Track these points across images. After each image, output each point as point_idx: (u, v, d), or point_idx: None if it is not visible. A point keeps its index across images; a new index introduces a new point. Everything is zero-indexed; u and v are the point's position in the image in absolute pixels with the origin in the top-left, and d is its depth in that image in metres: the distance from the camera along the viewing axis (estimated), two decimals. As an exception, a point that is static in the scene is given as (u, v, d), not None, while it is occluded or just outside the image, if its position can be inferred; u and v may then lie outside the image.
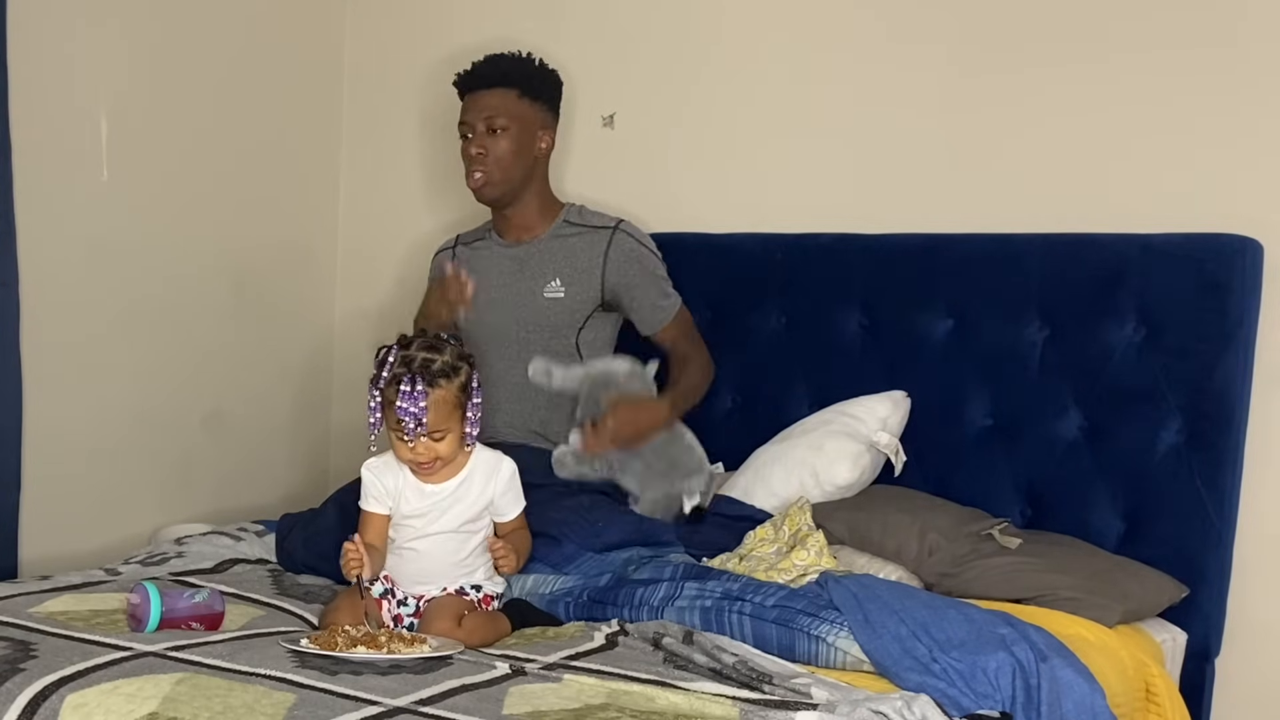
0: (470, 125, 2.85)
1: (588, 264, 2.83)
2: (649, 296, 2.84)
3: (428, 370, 2.12)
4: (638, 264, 2.84)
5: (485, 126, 2.83)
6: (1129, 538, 2.57)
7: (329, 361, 3.66)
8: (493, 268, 2.90)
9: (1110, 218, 2.63)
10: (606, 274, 2.82)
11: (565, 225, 2.89)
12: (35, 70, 2.82)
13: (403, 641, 1.93)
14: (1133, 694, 2.20)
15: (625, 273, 2.82)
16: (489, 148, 2.83)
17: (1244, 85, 2.54)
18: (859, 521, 2.51)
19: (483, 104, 2.85)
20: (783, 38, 3.03)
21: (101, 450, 3.05)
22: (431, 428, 2.12)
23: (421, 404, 2.10)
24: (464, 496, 2.21)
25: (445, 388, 2.13)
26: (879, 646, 1.97)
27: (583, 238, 2.86)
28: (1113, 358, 2.58)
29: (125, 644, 1.87)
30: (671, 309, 2.87)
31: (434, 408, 2.12)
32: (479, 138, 2.83)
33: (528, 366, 2.74)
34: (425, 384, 2.11)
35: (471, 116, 2.85)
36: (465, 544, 2.23)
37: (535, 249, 2.88)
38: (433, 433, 2.13)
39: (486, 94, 2.85)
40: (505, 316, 2.85)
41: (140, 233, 3.09)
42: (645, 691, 1.76)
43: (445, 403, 2.14)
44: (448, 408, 2.14)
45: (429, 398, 2.11)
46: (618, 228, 2.87)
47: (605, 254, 2.83)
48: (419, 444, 2.14)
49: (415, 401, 2.09)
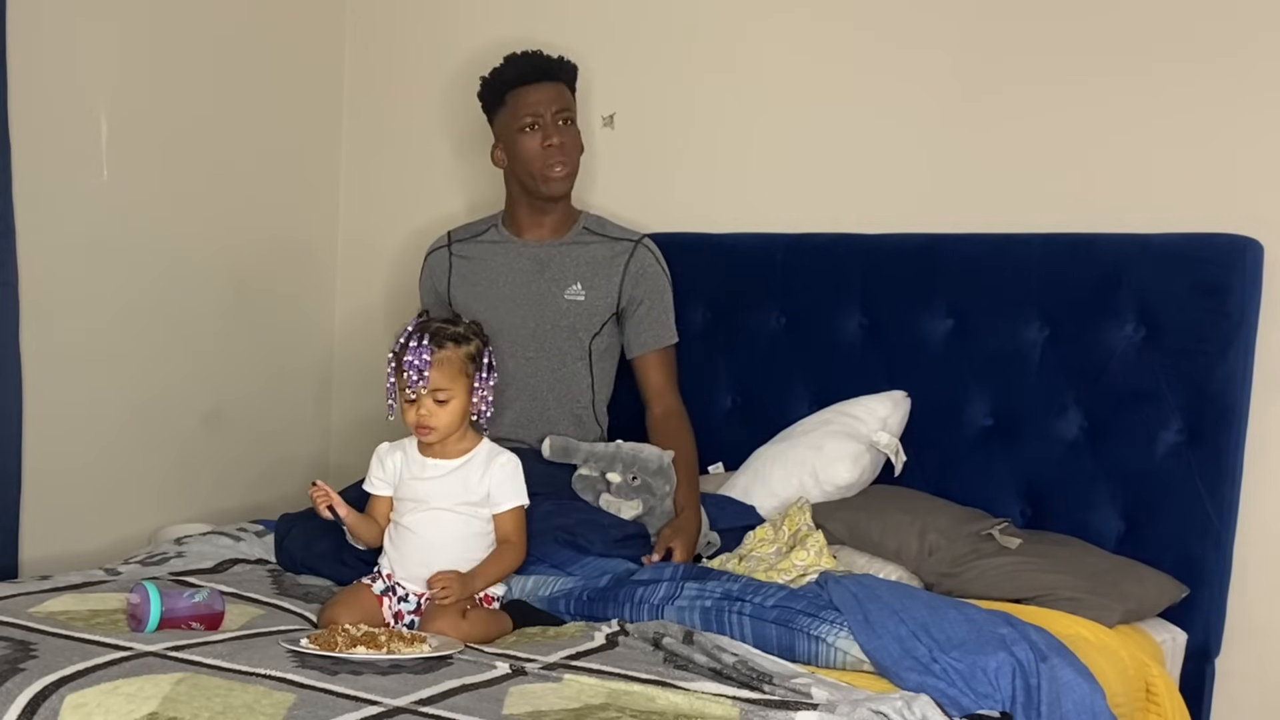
0: (539, 116, 2.78)
1: (609, 272, 2.82)
2: (653, 314, 2.83)
3: (440, 332, 2.25)
4: (652, 281, 2.83)
5: (556, 117, 2.79)
6: (1129, 538, 2.57)
7: (329, 360, 3.66)
8: (508, 265, 2.87)
9: (1110, 218, 2.63)
10: (625, 284, 2.81)
11: (586, 233, 2.87)
12: (35, 70, 2.82)
13: (403, 641, 1.93)
14: (1133, 694, 2.20)
15: (640, 285, 2.82)
16: (566, 138, 2.80)
17: (1244, 86, 2.54)
18: (859, 521, 2.51)
19: (550, 95, 2.80)
20: (783, 37, 3.03)
21: (101, 450, 3.05)
22: (434, 385, 2.20)
23: (425, 357, 2.20)
24: (464, 478, 2.25)
25: (453, 350, 2.24)
26: (879, 646, 1.97)
27: (606, 246, 2.85)
28: (1113, 358, 2.58)
29: (125, 644, 1.87)
30: (667, 339, 2.85)
31: (439, 365, 2.21)
32: (552, 128, 2.79)
33: (544, 446, 2.63)
34: (433, 342, 2.22)
35: (541, 107, 2.78)
36: (464, 526, 2.24)
37: (557, 251, 2.86)
38: (435, 391, 2.21)
39: (549, 85, 2.81)
40: (522, 315, 2.82)
41: (140, 232, 3.09)
42: (645, 691, 1.76)
43: (451, 363, 2.23)
44: (453, 369, 2.23)
45: (435, 354, 2.21)
46: (641, 242, 2.86)
47: (626, 265, 2.82)
48: (423, 403, 2.21)
49: (420, 354, 2.20)
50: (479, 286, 2.87)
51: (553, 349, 2.82)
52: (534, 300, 2.83)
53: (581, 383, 2.84)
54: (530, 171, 2.80)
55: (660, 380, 2.83)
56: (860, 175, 2.95)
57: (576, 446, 2.64)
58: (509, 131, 2.82)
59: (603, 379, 2.88)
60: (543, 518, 2.40)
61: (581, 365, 2.83)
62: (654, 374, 2.83)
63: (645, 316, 2.83)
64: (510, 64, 2.84)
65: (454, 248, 2.96)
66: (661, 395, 2.82)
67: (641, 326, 2.84)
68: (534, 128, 2.78)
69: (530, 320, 2.82)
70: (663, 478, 2.59)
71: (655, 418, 2.81)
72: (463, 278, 2.90)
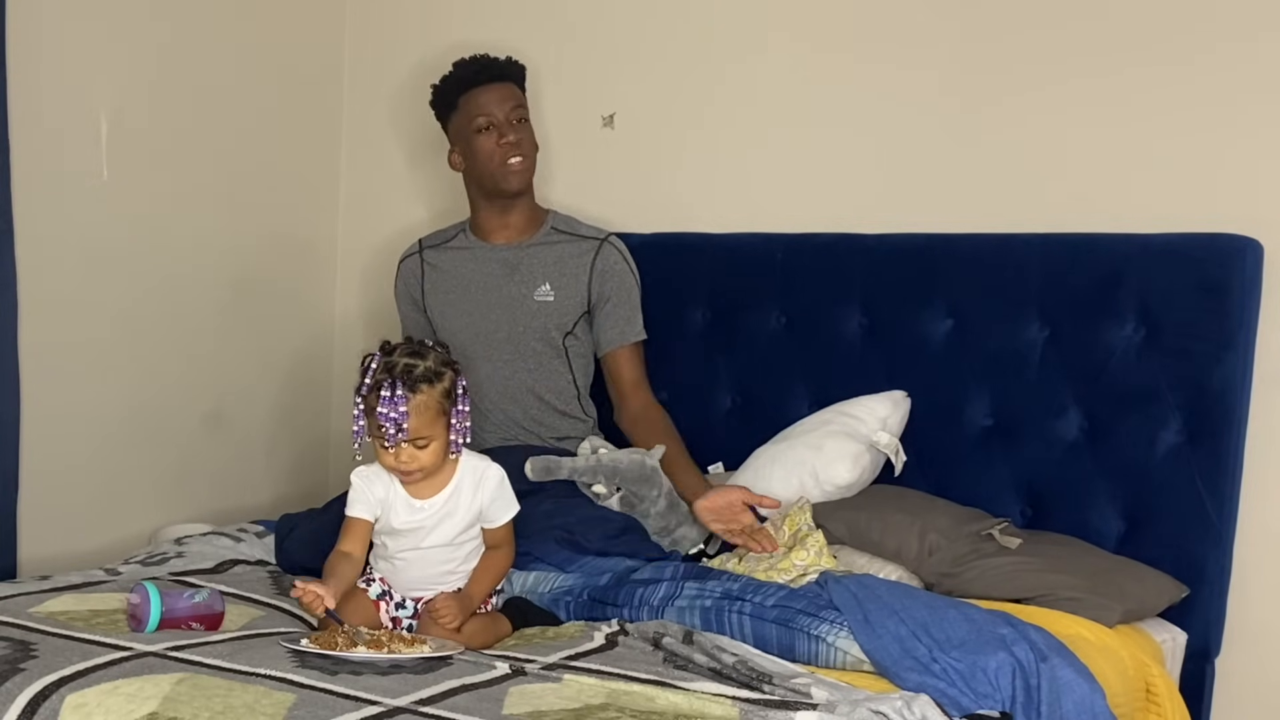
0: (491, 115, 2.81)
1: (576, 271, 2.84)
2: (620, 311, 2.84)
3: (409, 375, 2.10)
4: (619, 279, 2.85)
5: (509, 116, 2.81)
6: (1129, 538, 2.57)
7: (329, 361, 3.66)
8: (479, 270, 2.89)
9: (1110, 218, 2.63)
10: (593, 282, 2.83)
11: (554, 232, 2.89)
12: (35, 70, 2.81)
13: (403, 641, 1.94)
14: (1133, 694, 2.20)
15: (607, 283, 2.84)
16: (521, 135, 2.82)
17: (1244, 85, 2.54)
18: (859, 521, 2.51)
19: (502, 94, 2.83)
20: (783, 37, 3.03)
21: (101, 450, 3.05)
22: (413, 434, 2.09)
23: (402, 408, 2.07)
24: (454, 510, 2.19)
25: (427, 393, 2.10)
26: (879, 646, 1.97)
27: (573, 245, 2.87)
28: (1113, 358, 2.58)
29: (125, 644, 1.87)
30: (634, 335, 2.86)
31: (415, 413, 2.09)
32: (507, 126, 2.81)
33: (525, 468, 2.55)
34: (406, 389, 2.08)
35: (493, 107, 2.81)
36: (458, 551, 2.22)
37: (525, 253, 2.87)
38: (415, 439, 2.10)
39: (500, 86, 2.84)
40: (495, 319, 2.84)
41: (140, 232, 3.09)
42: (645, 691, 1.76)
43: (428, 408, 2.10)
44: (430, 414, 2.11)
45: (410, 403, 2.08)
46: (607, 240, 2.88)
47: (593, 263, 2.84)
48: (402, 452, 2.11)
49: (395, 406, 2.07)
50: (452, 294, 2.89)
51: (528, 351, 2.83)
52: (506, 304, 2.84)
53: (562, 380, 2.85)
54: (489, 170, 2.82)
55: (632, 376, 2.84)
56: (860, 175, 2.95)
57: (559, 464, 2.60)
58: (464, 134, 2.85)
59: (583, 371, 2.89)
60: (543, 517, 2.40)
61: (559, 363, 2.84)
62: (625, 370, 2.85)
63: (612, 313, 2.84)
64: (460, 67, 2.87)
65: (425, 255, 2.98)
66: (635, 390, 2.84)
67: (608, 323, 2.85)
68: (489, 128, 2.81)
69: (504, 324, 2.84)
70: (648, 484, 2.58)
71: (632, 414, 2.82)
72: (435, 285, 2.93)
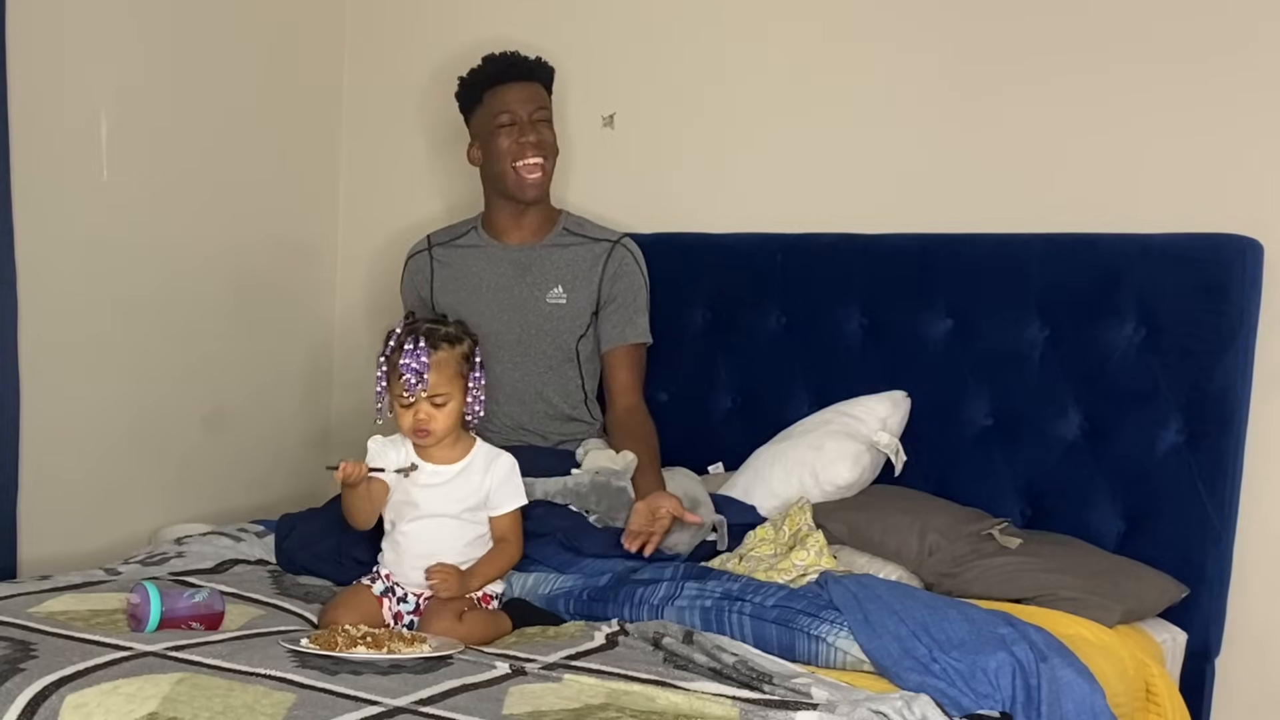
0: (515, 114, 2.78)
1: (589, 274, 2.83)
2: (625, 311, 2.83)
3: (433, 334, 2.23)
4: (628, 279, 2.84)
5: (531, 116, 2.79)
6: (1129, 538, 2.57)
7: (329, 361, 3.65)
8: (490, 270, 2.87)
9: (1110, 218, 2.63)
10: (603, 283, 2.82)
11: (566, 234, 2.88)
12: (35, 70, 2.81)
13: (403, 641, 1.94)
14: (1133, 694, 2.20)
15: (616, 283, 2.83)
16: (542, 136, 2.80)
17: (1244, 85, 2.54)
18: (859, 521, 2.51)
19: (526, 94, 2.80)
20: (783, 37, 3.03)
21: (101, 450, 3.05)
22: (432, 389, 2.19)
23: (424, 359, 2.18)
24: (464, 483, 2.24)
25: (448, 351, 2.23)
26: (879, 646, 1.97)
27: (586, 248, 2.85)
28: (1113, 358, 2.58)
29: (125, 644, 1.87)
30: (634, 336, 2.84)
31: (436, 368, 2.20)
32: (528, 126, 2.78)
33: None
34: (429, 344, 2.21)
35: (517, 105, 2.79)
36: (464, 531, 2.24)
37: (537, 254, 2.86)
38: (433, 396, 2.20)
39: (527, 85, 2.82)
40: (506, 320, 2.83)
41: (140, 232, 3.08)
42: (645, 691, 1.76)
43: (447, 365, 2.22)
44: (450, 371, 2.22)
45: (432, 356, 2.20)
46: (620, 241, 2.87)
47: (605, 265, 2.83)
48: (420, 407, 2.20)
49: (418, 358, 2.18)
50: (461, 292, 2.87)
51: (539, 354, 2.82)
52: (517, 305, 2.83)
53: (571, 384, 2.85)
54: (505, 170, 2.80)
55: (627, 378, 2.83)
56: (860, 175, 2.95)
57: (532, 485, 2.50)
58: (485, 129, 2.83)
59: (592, 375, 2.89)
60: (539, 519, 2.41)
61: (570, 367, 2.84)
62: (621, 371, 2.83)
63: (616, 313, 2.83)
64: (489, 63, 2.85)
65: (434, 252, 2.96)
66: (626, 392, 2.82)
67: (612, 321, 2.84)
68: (510, 125, 2.79)
69: (515, 326, 2.82)
70: (616, 505, 2.55)
71: (618, 414, 2.81)
72: (444, 283, 2.91)
